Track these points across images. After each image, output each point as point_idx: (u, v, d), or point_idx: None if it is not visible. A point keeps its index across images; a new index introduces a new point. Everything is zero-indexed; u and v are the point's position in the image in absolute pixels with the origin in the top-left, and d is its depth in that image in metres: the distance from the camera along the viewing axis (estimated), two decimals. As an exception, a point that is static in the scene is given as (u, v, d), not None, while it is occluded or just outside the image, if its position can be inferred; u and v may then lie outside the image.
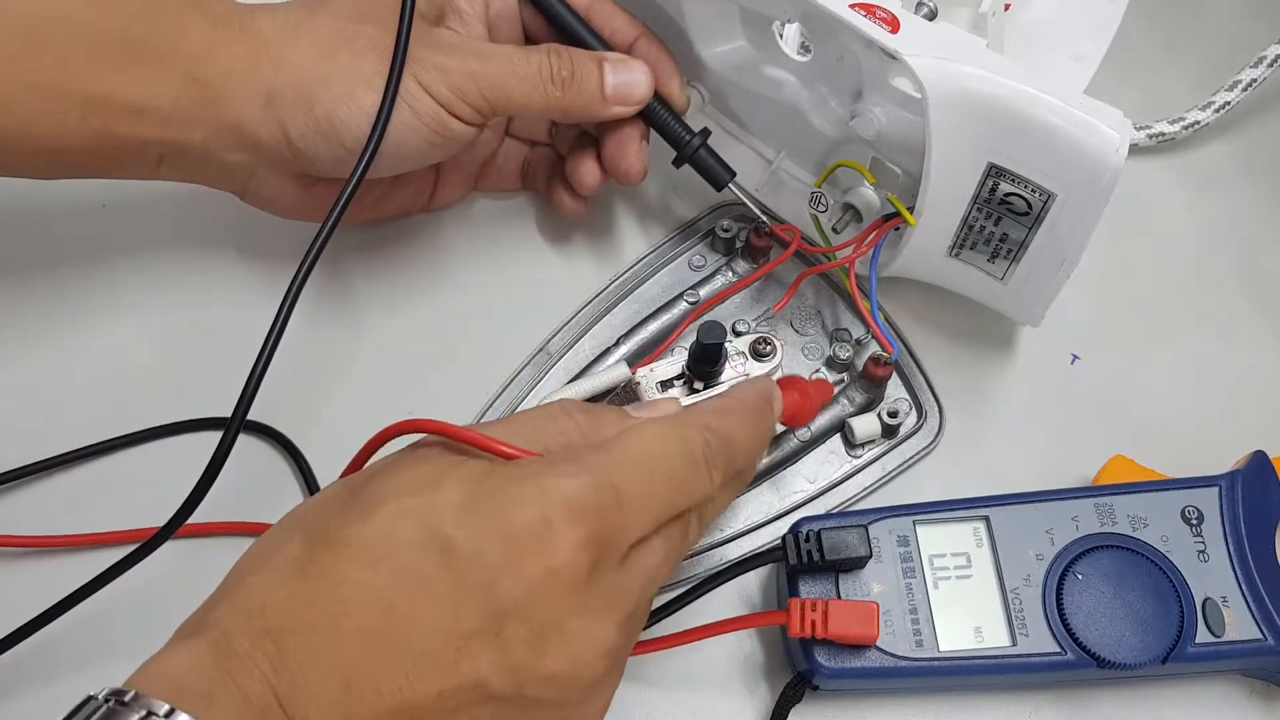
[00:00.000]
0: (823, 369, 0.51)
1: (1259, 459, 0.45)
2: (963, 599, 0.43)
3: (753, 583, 0.47)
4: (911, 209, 0.46)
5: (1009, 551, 0.43)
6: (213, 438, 0.41)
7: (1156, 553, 0.43)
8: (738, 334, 0.51)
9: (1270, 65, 0.56)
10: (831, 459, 0.49)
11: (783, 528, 0.46)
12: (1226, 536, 0.44)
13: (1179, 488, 0.45)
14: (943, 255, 0.48)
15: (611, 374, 0.42)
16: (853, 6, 0.42)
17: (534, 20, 0.49)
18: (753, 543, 0.48)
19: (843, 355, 0.50)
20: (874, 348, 0.48)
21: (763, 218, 0.50)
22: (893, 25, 0.42)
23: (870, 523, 0.43)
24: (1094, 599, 0.42)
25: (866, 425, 0.49)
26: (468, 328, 0.52)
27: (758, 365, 0.44)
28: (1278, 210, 0.57)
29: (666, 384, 0.43)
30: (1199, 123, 0.57)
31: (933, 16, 0.45)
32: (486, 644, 0.30)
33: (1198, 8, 0.63)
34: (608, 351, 0.51)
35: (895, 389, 0.51)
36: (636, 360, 0.49)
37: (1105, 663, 0.41)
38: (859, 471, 0.49)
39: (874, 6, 0.42)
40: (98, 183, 0.45)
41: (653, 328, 0.51)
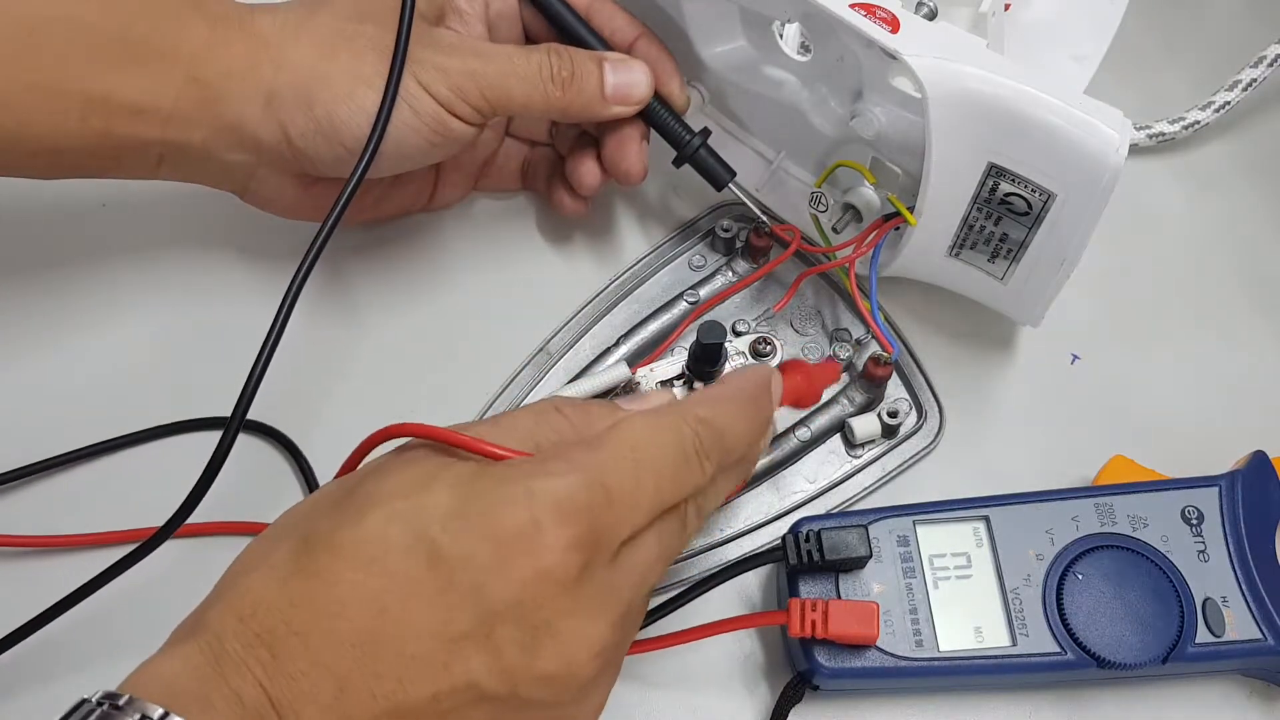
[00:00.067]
0: (823, 368, 0.51)
1: (1259, 459, 0.45)
2: (963, 599, 0.43)
3: (753, 583, 0.47)
4: (911, 209, 0.46)
5: (1009, 551, 0.43)
6: (212, 437, 0.41)
7: (1156, 553, 0.43)
8: (738, 334, 0.51)
9: (1270, 65, 0.56)
10: (831, 459, 0.49)
11: (783, 528, 0.46)
12: (1226, 536, 0.44)
13: (1179, 488, 0.45)
14: (943, 255, 0.48)
15: (611, 374, 0.42)
16: (853, 6, 0.42)
17: (534, 20, 0.49)
18: (753, 543, 0.48)
19: (843, 355, 0.50)
20: (874, 348, 0.48)
21: (763, 218, 0.50)
22: (893, 25, 0.42)
23: (870, 523, 0.43)
24: (1094, 599, 0.42)
25: (866, 425, 0.49)
26: (468, 327, 0.52)
27: (758, 365, 0.44)
28: (1278, 210, 0.57)
29: (666, 384, 0.43)
30: (1199, 123, 0.57)
31: (933, 16, 0.45)
32: (478, 646, 0.30)
33: (1198, 8, 0.63)
34: (608, 351, 0.51)
35: (895, 389, 0.51)
36: (636, 360, 0.49)
37: (1105, 663, 0.41)
38: (859, 471, 0.49)
39: (874, 6, 0.42)
40: (98, 183, 0.46)
41: (653, 328, 0.51)
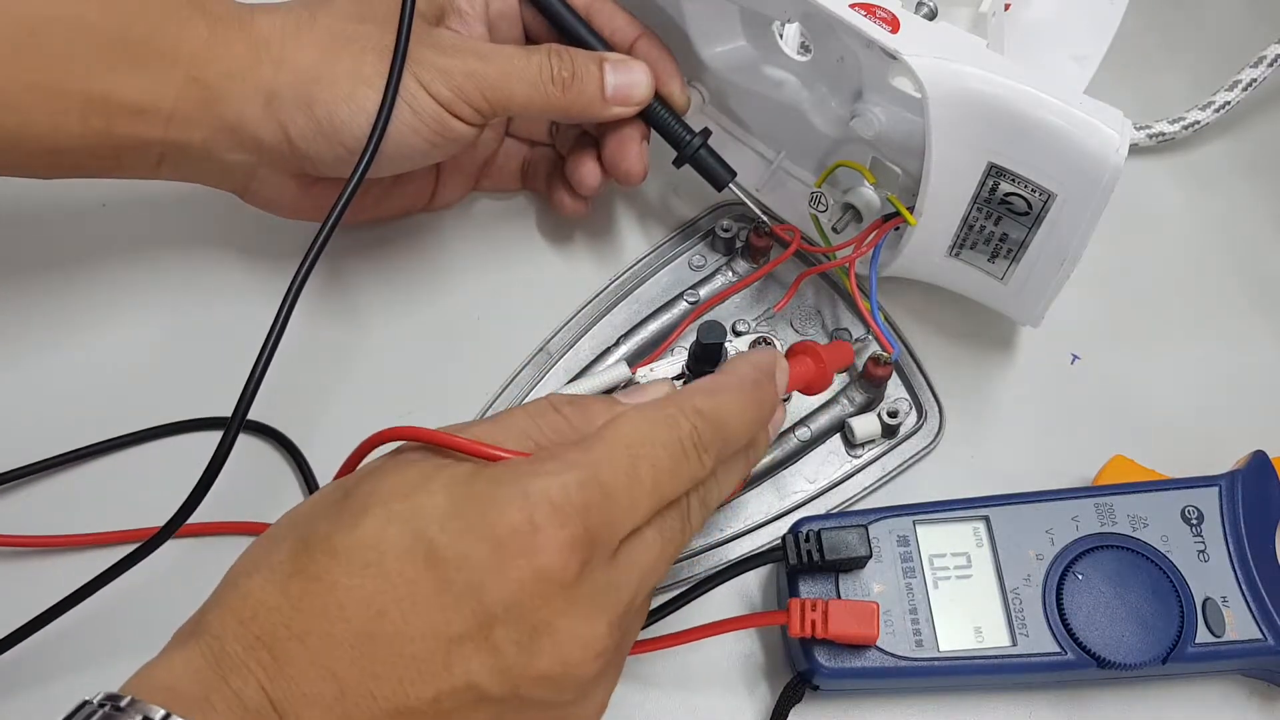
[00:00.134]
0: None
1: (1259, 459, 0.45)
2: (963, 599, 0.43)
3: (753, 583, 0.47)
4: (911, 209, 0.46)
5: (1009, 551, 0.43)
6: (213, 438, 0.41)
7: (1156, 553, 0.43)
8: (738, 334, 0.51)
9: (1270, 65, 0.56)
10: (831, 459, 0.49)
11: (783, 528, 0.46)
12: (1226, 536, 0.44)
13: (1179, 488, 0.45)
14: (943, 255, 0.48)
15: (611, 374, 0.42)
16: (853, 6, 0.42)
17: (534, 20, 0.49)
18: (753, 543, 0.48)
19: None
20: (874, 348, 0.48)
21: (763, 218, 0.50)
22: (893, 25, 0.42)
23: (870, 523, 0.43)
24: (1094, 599, 0.42)
25: (866, 425, 0.49)
26: (468, 327, 0.52)
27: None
28: (1277, 210, 0.57)
29: (648, 383, 0.43)
30: (1199, 123, 0.57)
31: (933, 16, 0.45)
32: (477, 647, 0.30)
33: (1198, 8, 0.63)
34: (608, 351, 0.51)
35: (895, 389, 0.51)
36: (636, 360, 0.49)
37: (1105, 663, 0.41)
38: (859, 471, 0.49)
39: (874, 6, 0.42)
40: (98, 183, 0.45)
41: (653, 328, 0.51)
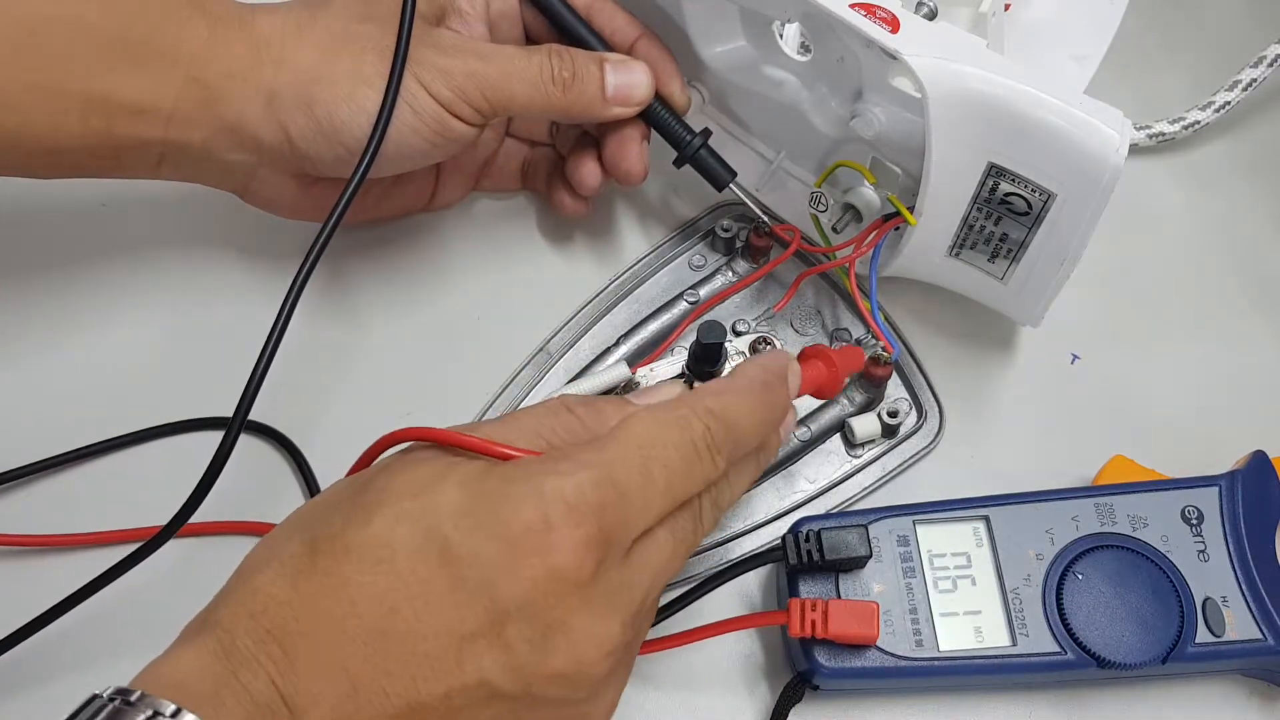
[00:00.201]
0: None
1: (1259, 459, 0.45)
2: (963, 599, 0.43)
3: (753, 583, 0.47)
4: (911, 209, 0.46)
5: (1009, 551, 0.43)
6: (213, 437, 0.41)
7: (1156, 553, 0.43)
8: (738, 334, 0.51)
9: (1270, 65, 0.56)
10: (831, 459, 0.49)
11: (783, 528, 0.46)
12: (1226, 536, 0.44)
13: (1179, 488, 0.45)
14: (943, 255, 0.48)
15: (611, 374, 0.42)
16: (853, 6, 0.42)
17: (534, 20, 0.49)
18: (753, 543, 0.48)
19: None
20: (874, 348, 0.48)
21: (763, 218, 0.50)
22: (893, 25, 0.42)
23: (870, 523, 0.43)
24: (1094, 599, 0.42)
25: (866, 425, 0.49)
26: (468, 327, 0.52)
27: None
28: (1277, 210, 0.57)
29: (660, 384, 0.43)
30: (1199, 123, 0.57)
31: (933, 16, 0.45)
32: (490, 644, 0.30)
33: (1198, 8, 0.63)
34: (608, 351, 0.51)
35: (895, 389, 0.51)
36: (636, 360, 0.49)
37: (1105, 663, 0.41)
38: (859, 471, 0.49)
39: (874, 6, 0.42)
40: (98, 183, 0.45)
41: (653, 328, 0.51)
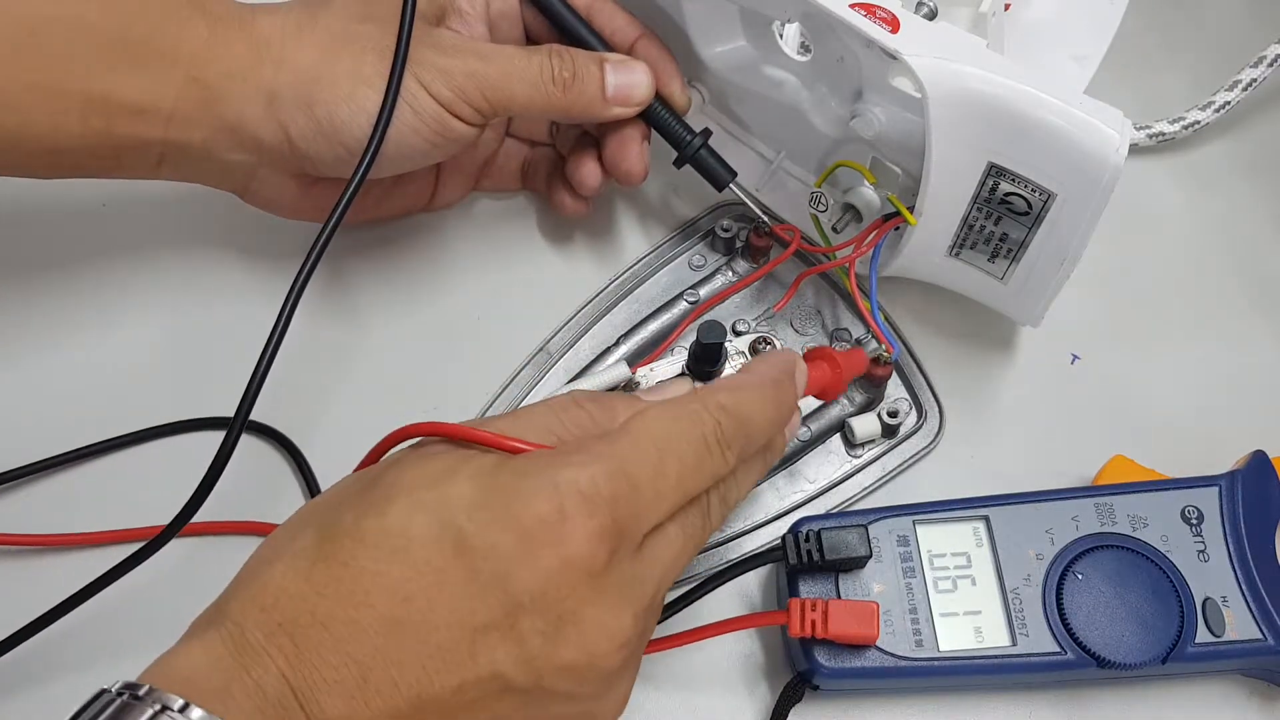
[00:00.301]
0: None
1: (1259, 459, 0.45)
2: (963, 599, 0.43)
3: (753, 583, 0.47)
4: (911, 209, 0.46)
5: (1009, 551, 0.43)
6: (213, 437, 0.41)
7: (1156, 553, 0.43)
8: (738, 334, 0.51)
9: (1270, 65, 0.56)
10: (831, 459, 0.49)
11: (783, 528, 0.46)
12: (1226, 536, 0.44)
13: (1179, 488, 0.45)
14: (943, 255, 0.48)
15: (611, 374, 0.42)
16: (853, 6, 0.42)
17: (535, 20, 0.49)
18: (753, 543, 0.48)
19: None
20: (874, 347, 0.48)
21: (763, 217, 0.50)
22: (893, 25, 0.42)
23: (870, 523, 0.43)
24: (1094, 599, 0.42)
25: (866, 425, 0.49)
26: (468, 327, 0.52)
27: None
28: (1277, 210, 0.57)
29: (668, 381, 0.43)
30: (1199, 123, 0.57)
31: (933, 16, 0.45)
32: (503, 636, 0.30)
33: (1198, 8, 0.63)
34: (608, 351, 0.51)
35: (895, 389, 0.51)
36: (636, 360, 0.49)
37: (1105, 663, 0.41)
38: (859, 471, 0.49)
39: (874, 6, 0.42)
40: (98, 183, 0.45)
41: (653, 327, 0.52)
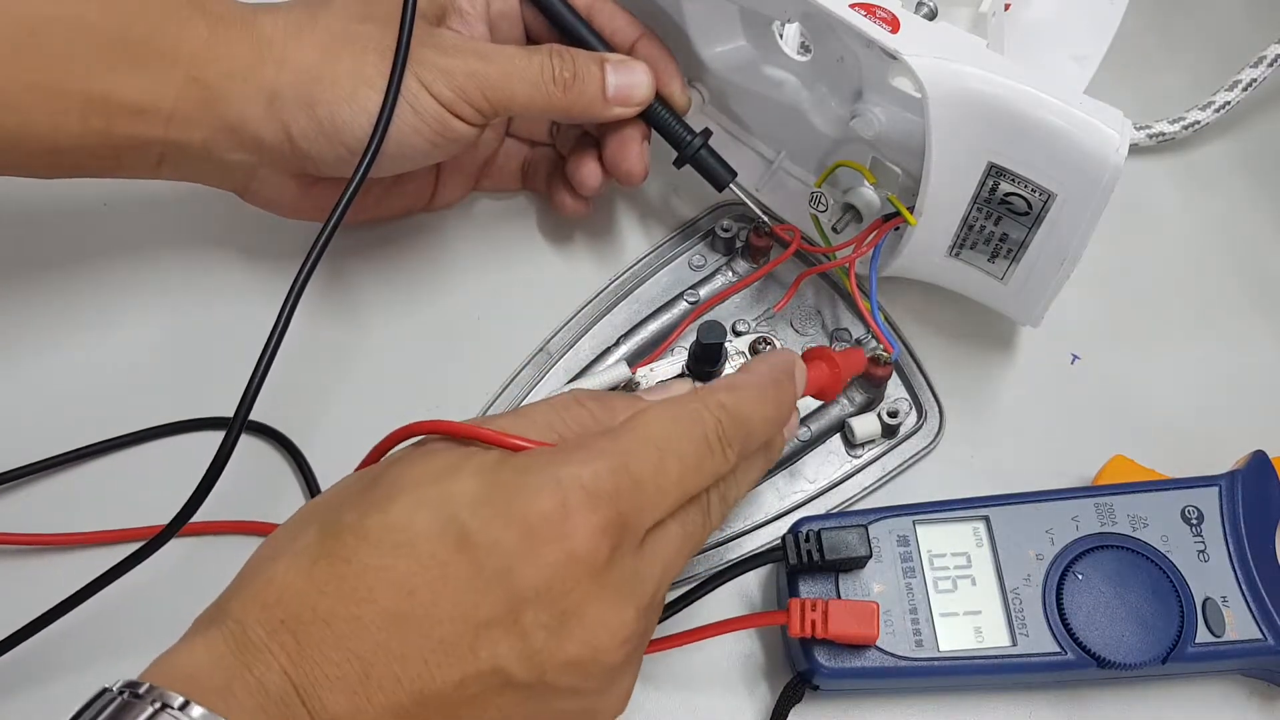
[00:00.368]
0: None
1: (1259, 459, 0.45)
2: (963, 599, 0.43)
3: (753, 583, 0.47)
4: (911, 209, 0.46)
5: (1009, 551, 0.43)
6: (213, 437, 0.41)
7: (1156, 553, 0.43)
8: (738, 334, 0.51)
9: (1270, 65, 0.56)
10: (831, 459, 0.49)
11: (783, 528, 0.46)
12: (1226, 536, 0.44)
13: (1179, 488, 0.45)
14: (943, 255, 0.48)
15: (611, 374, 0.42)
16: (853, 6, 0.42)
17: (535, 20, 0.49)
18: (753, 543, 0.48)
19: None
20: (874, 347, 0.48)
21: (763, 218, 0.50)
22: (893, 25, 0.42)
23: (870, 523, 0.43)
24: (1094, 599, 0.42)
25: (866, 425, 0.49)
26: (468, 327, 0.52)
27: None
28: (1277, 210, 0.57)
29: (668, 380, 0.43)
30: (1199, 123, 0.57)
31: (933, 16, 0.45)
32: (506, 631, 0.30)
33: (1198, 8, 0.63)
34: (608, 351, 0.51)
35: (895, 389, 0.51)
36: (636, 360, 0.49)
37: (1105, 663, 0.41)
38: (859, 471, 0.49)
39: (874, 6, 0.42)
40: (98, 183, 0.45)
41: (653, 328, 0.52)
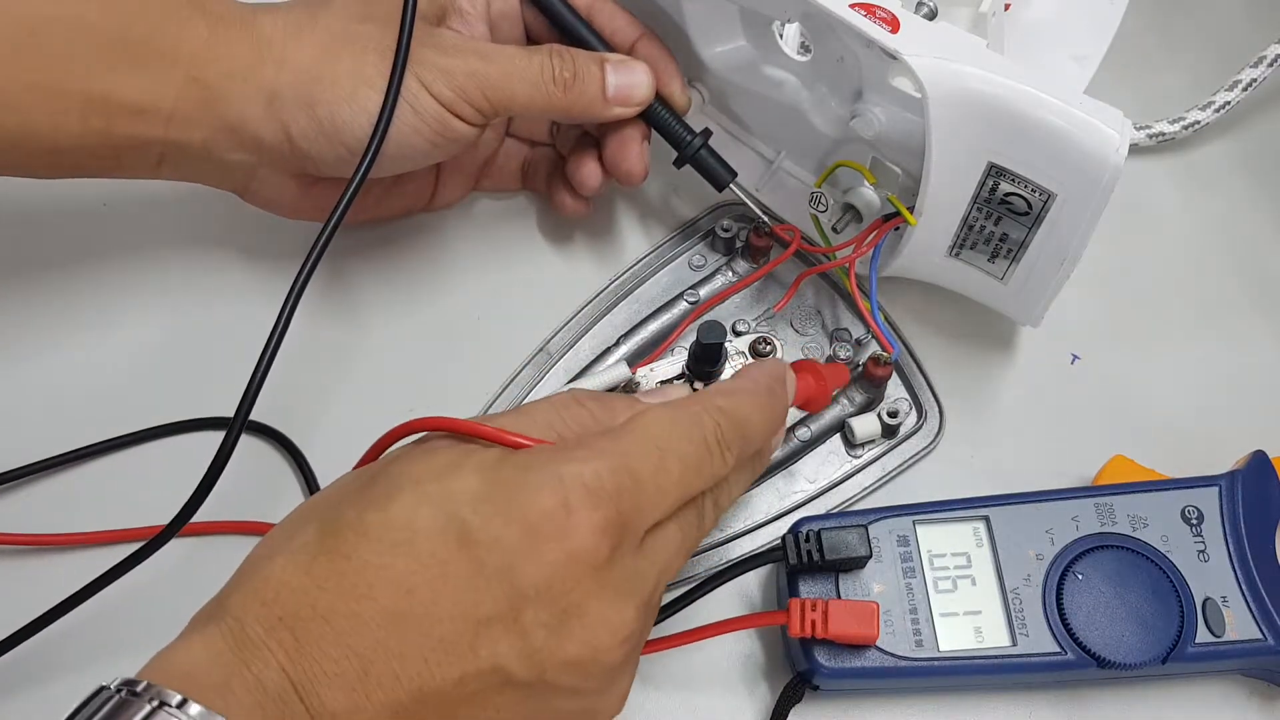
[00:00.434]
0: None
1: (1259, 459, 0.45)
2: (963, 599, 0.43)
3: (753, 583, 0.47)
4: (911, 209, 0.46)
5: (1009, 551, 0.43)
6: (213, 437, 0.41)
7: (1156, 553, 0.43)
8: (738, 334, 0.51)
9: (1270, 65, 0.56)
10: (831, 459, 0.49)
11: (783, 528, 0.46)
12: (1226, 536, 0.44)
13: (1179, 488, 0.45)
14: (943, 255, 0.48)
15: (611, 374, 0.42)
16: (853, 6, 0.42)
17: (535, 20, 0.49)
18: (753, 543, 0.48)
19: (843, 355, 0.49)
20: (874, 348, 0.48)
21: (763, 218, 0.50)
22: (893, 25, 0.42)
23: (870, 523, 0.43)
24: (1094, 599, 0.42)
25: (866, 425, 0.49)
26: (468, 327, 0.52)
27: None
28: (1277, 210, 0.57)
29: (666, 384, 0.43)
30: (1199, 123, 0.57)
31: (933, 16, 0.45)
32: (506, 629, 0.30)
33: (1198, 8, 0.63)
34: (608, 351, 0.51)
35: (895, 389, 0.51)
36: (636, 360, 0.49)
37: (1105, 663, 0.41)
38: (859, 471, 0.49)
39: (874, 6, 0.42)
40: (98, 183, 0.45)
41: (653, 328, 0.52)
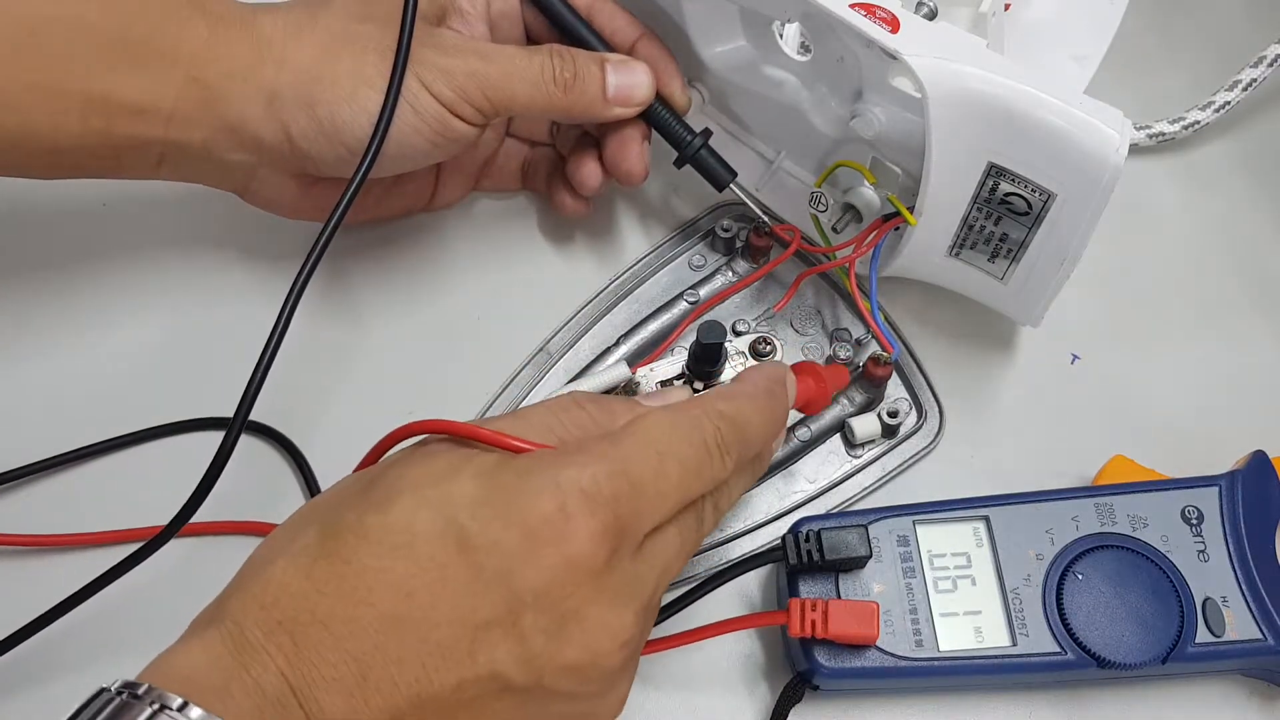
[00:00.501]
0: (823, 369, 0.51)
1: (1259, 459, 0.45)
2: (963, 599, 0.43)
3: (753, 583, 0.47)
4: (911, 209, 0.46)
5: (1009, 551, 0.43)
6: (213, 438, 0.41)
7: (1156, 553, 0.43)
8: (738, 334, 0.51)
9: (1270, 65, 0.56)
10: (831, 459, 0.49)
11: (783, 528, 0.46)
12: (1226, 536, 0.44)
13: (1179, 488, 0.45)
14: (943, 255, 0.48)
15: (611, 374, 0.42)
16: (853, 6, 0.42)
17: (535, 20, 0.49)
18: (753, 543, 0.48)
19: (843, 355, 0.49)
20: (874, 348, 0.48)
21: (763, 217, 0.50)
22: (893, 25, 0.42)
23: (870, 523, 0.43)
24: (1094, 599, 0.42)
25: (866, 425, 0.49)
26: (468, 327, 0.52)
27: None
28: (1277, 210, 0.57)
29: (666, 384, 0.43)
30: (1199, 123, 0.57)
31: (933, 16, 0.45)
32: (504, 634, 0.30)
33: (1198, 8, 0.63)
34: (608, 351, 0.51)
35: (895, 389, 0.51)
36: (636, 360, 0.49)
37: (1105, 663, 0.41)
38: (859, 471, 0.49)
39: (874, 6, 0.42)
40: (98, 183, 0.45)
41: (653, 328, 0.52)
